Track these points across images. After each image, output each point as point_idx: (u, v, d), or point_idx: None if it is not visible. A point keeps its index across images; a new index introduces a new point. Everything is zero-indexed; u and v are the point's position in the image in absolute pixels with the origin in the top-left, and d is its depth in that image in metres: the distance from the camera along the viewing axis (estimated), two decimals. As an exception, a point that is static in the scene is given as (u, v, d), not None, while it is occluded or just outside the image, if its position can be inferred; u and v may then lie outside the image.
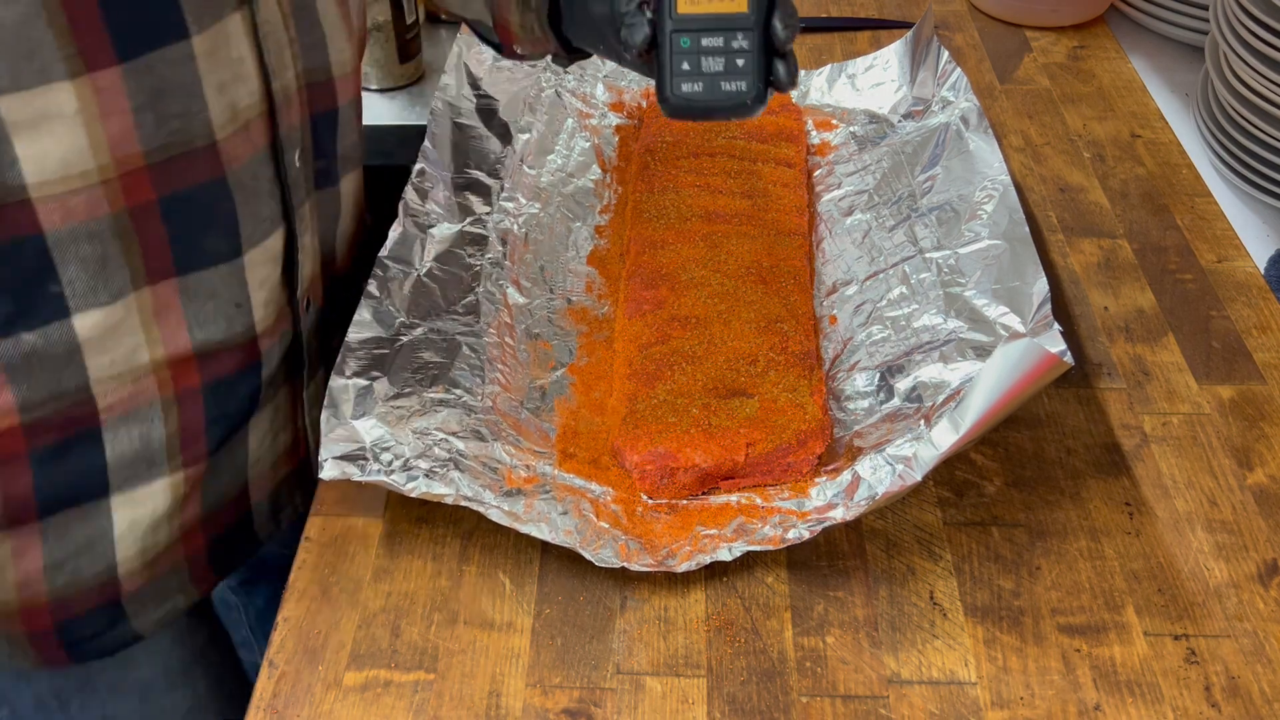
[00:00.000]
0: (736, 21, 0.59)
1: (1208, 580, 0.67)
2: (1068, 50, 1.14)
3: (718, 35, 0.59)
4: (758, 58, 0.59)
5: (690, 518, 0.68)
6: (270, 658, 0.63)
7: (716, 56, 0.59)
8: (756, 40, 0.59)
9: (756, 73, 0.59)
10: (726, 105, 0.59)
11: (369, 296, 0.76)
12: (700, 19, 0.59)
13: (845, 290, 0.82)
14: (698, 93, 0.59)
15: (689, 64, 0.59)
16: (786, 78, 0.60)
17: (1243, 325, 0.84)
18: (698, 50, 0.59)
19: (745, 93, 0.59)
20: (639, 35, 0.60)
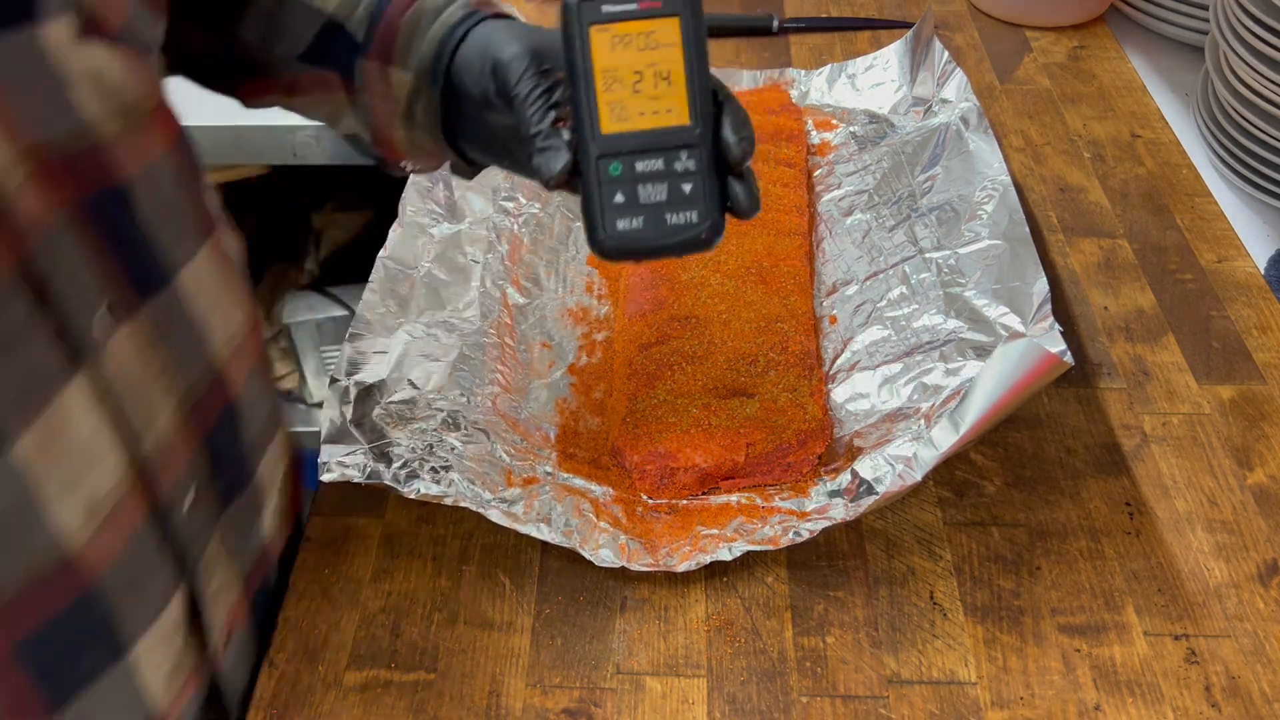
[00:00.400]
0: (677, 137, 0.48)
1: (1208, 580, 0.67)
2: (1068, 50, 1.14)
3: (656, 157, 0.48)
4: (708, 179, 0.49)
5: (690, 518, 0.68)
6: (270, 657, 0.63)
7: (657, 183, 0.48)
8: (705, 158, 0.48)
9: (709, 198, 0.49)
10: (675, 242, 0.49)
11: (369, 296, 0.76)
12: (632, 138, 0.48)
13: (845, 290, 0.82)
14: (638, 230, 0.48)
15: (623, 195, 0.48)
16: (747, 201, 0.49)
17: (1243, 325, 0.84)
18: (632, 177, 0.48)
19: (697, 225, 0.48)
20: (557, 163, 0.49)
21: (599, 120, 0.48)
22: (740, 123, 0.49)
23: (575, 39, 0.48)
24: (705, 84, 0.48)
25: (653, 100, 0.48)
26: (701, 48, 0.48)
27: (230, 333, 0.55)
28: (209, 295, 0.53)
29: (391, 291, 0.78)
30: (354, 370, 0.71)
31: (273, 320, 1.50)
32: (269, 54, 0.60)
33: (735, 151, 0.49)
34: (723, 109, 0.49)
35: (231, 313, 0.56)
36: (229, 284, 0.56)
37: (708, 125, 0.49)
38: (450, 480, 0.66)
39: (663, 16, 0.48)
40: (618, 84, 0.48)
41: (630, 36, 0.48)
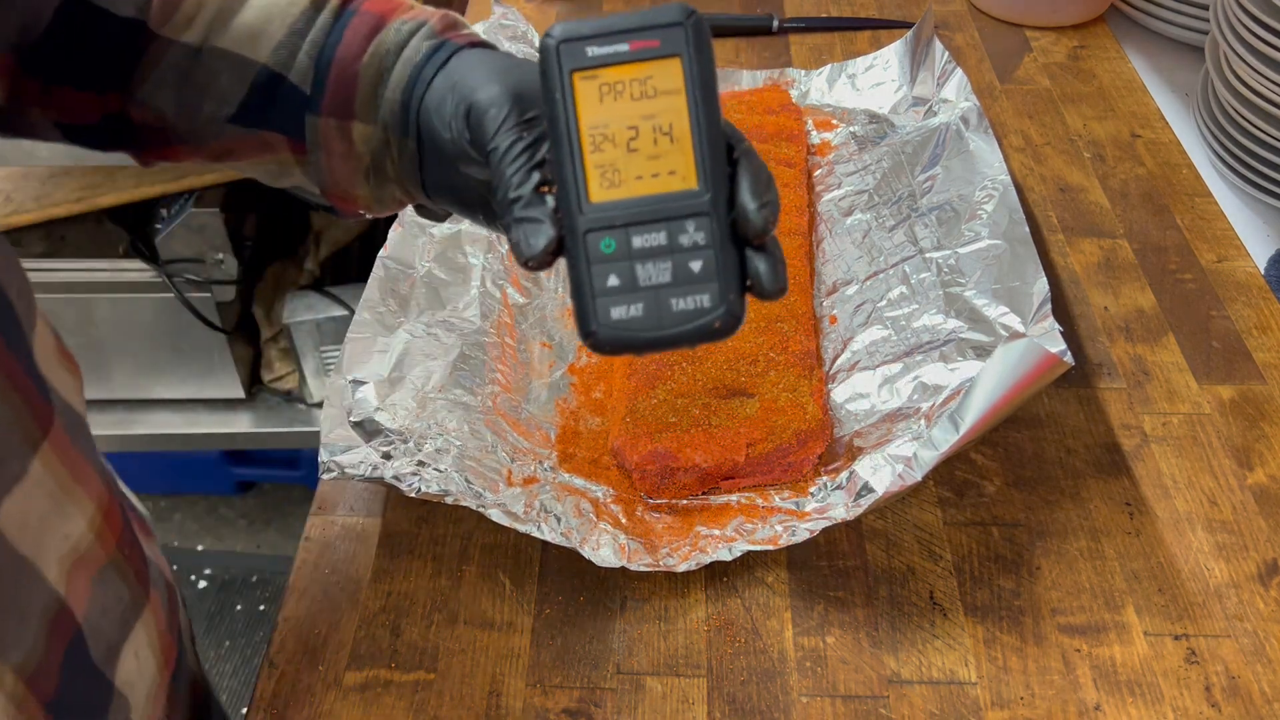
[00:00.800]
0: (683, 205, 0.40)
1: (1208, 580, 0.67)
2: (1068, 50, 1.14)
3: (657, 229, 0.40)
4: (723, 255, 0.40)
5: (690, 518, 0.68)
6: (270, 657, 0.63)
7: (659, 261, 0.40)
8: (717, 229, 0.40)
9: (724, 278, 0.40)
10: (683, 332, 0.40)
11: (369, 296, 0.76)
12: (628, 207, 0.40)
13: (845, 290, 0.82)
14: (637, 318, 0.40)
15: (618, 277, 0.40)
16: (770, 280, 0.40)
17: (1243, 325, 0.84)
18: (629, 255, 0.40)
19: (710, 311, 0.40)
20: (539, 241, 0.41)
21: (586, 187, 0.40)
22: (761, 184, 0.40)
23: (556, 88, 0.40)
24: (716, 138, 0.40)
25: (652, 160, 0.40)
26: (710, 94, 0.40)
27: (73, 543, 0.44)
28: (39, 516, 0.42)
29: (392, 291, 0.78)
30: (354, 370, 0.71)
31: (273, 320, 1.50)
32: (191, 120, 0.50)
33: (755, 221, 0.40)
34: (739, 167, 0.41)
35: (72, 520, 0.44)
36: (69, 485, 0.44)
37: (720, 189, 0.40)
38: (450, 479, 0.66)
39: (661, 58, 0.40)
40: (608, 142, 0.40)
41: (622, 84, 0.40)
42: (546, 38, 0.40)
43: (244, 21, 0.49)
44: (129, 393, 1.53)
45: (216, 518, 1.83)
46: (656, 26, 0.40)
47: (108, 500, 0.48)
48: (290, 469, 1.76)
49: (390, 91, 0.49)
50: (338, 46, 0.49)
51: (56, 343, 0.47)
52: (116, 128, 0.52)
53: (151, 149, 0.53)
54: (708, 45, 0.40)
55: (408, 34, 0.49)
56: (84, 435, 0.47)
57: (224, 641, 1.65)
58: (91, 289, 1.40)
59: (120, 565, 0.49)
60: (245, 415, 1.56)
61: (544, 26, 1.15)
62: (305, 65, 0.49)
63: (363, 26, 0.49)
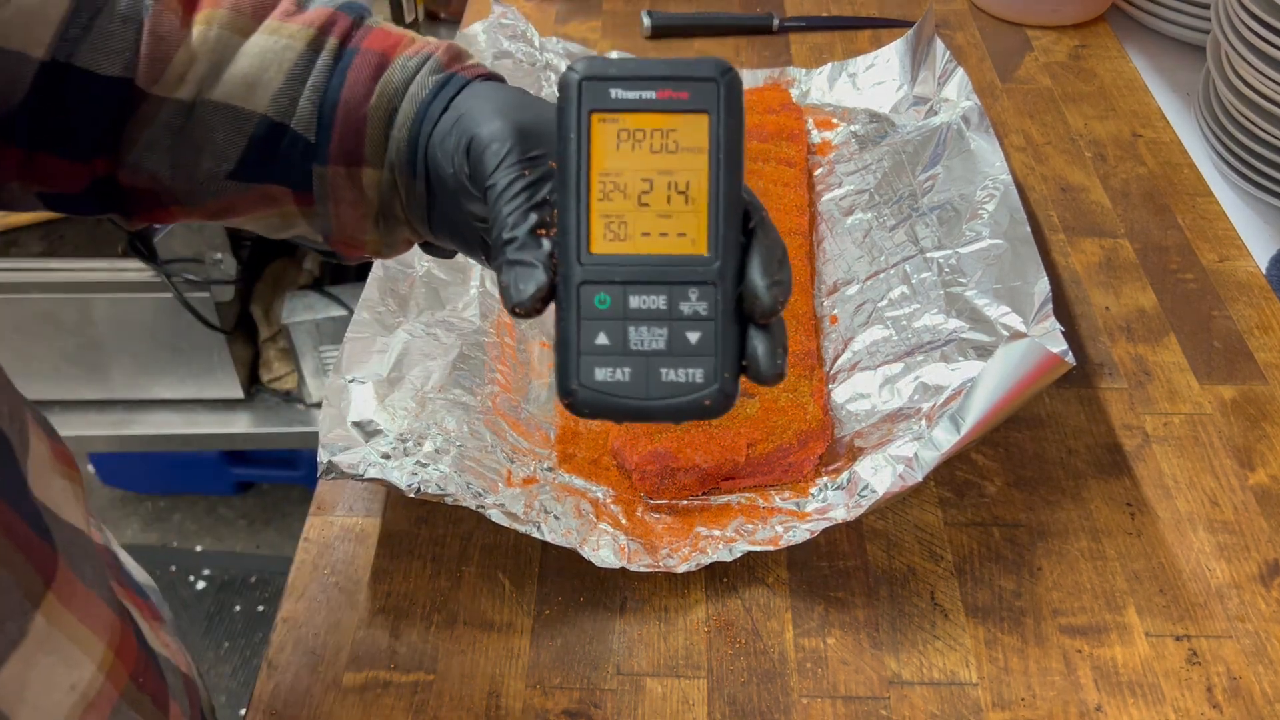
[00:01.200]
0: (689, 271, 0.38)
1: (1209, 581, 0.67)
2: (1069, 49, 1.14)
3: (658, 292, 0.38)
4: (724, 329, 0.38)
5: (690, 518, 0.68)
6: (269, 658, 0.63)
7: (655, 326, 0.38)
8: (722, 302, 0.38)
9: (723, 354, 0.38)
10: (669, 406, 0.38)
11: (368, 296, 0.76)
12: (630, 264, 0.38)
13: (846, 290, 0.82)
14: (623, 384, 0.38)
15: (609, 336, 0.38)
16: (768, 364, 0.38)
17: (1244, 325, 0.83)
18: (624, 315, 0.38)
19: (701, 388, 0.38)
20: (529, 286, 0.38)
21: (589, 236, 0.38)
22: (774, 260, 0.38)
23: (572, 127, 0.38)
24: (735, 205, 0.38)
25: (663, 219, 0.38)
26: (735, 158, 0.38)
27: (80, 692, 0.42)
28: (41, 676, 0.40)
29: (391, 291, 0.78)
30: (353, 370, 0.71)
31: (271, 320, 1.50)
32: (188, 180, 0.48)
33: (764, 300, 0.38)
34: (753, 238, 0.39)
35: (80, 668, 0.42)
36: (76, 631, 0.41)
37: (730, 260, 0.38)
38: (450, 480, 0.66)
39: (688, 112, 0.37)
40: (619, 192, 0.38)
41: (644, 133, 0.38)
42: (570, 71, 0.38)
43: (238, 71, 0.46)
44: (128, 393, 1.53)
45: (215, 518, 1.83)
46: (689, 79, 0.38)
47: (119, 630, 0.45)
48: (289, 469, 1.76)
49: (397, 131, 0.46)
50: (341, 89, 0.46)
51: (51, 448, 0.44)
52: (105, 193, 0.49)
53: (142, 213, 0.50)
54: (740, 106, 0.38)
55: (414, 69, 0.47)
56: (89, 558, 0.44)
57: (222, 642, 1.65)
58: (90, 289, 1.40)
59: (134, 697, 0.46)
60: (244, 415, 1.56)
61: (543, 25, 1.15)
62: (308, 112, 0.46)
63: (366, 67, 0.47)
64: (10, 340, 1.45)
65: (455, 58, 0.48)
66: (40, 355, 1.47)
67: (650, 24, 1.14)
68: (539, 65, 1.02)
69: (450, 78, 0.47)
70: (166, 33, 0.46)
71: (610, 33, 1.15)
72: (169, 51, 0.46)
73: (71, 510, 0.44)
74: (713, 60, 0.38)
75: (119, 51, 0.45)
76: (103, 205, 0.50)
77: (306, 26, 0.47)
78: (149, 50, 0.45)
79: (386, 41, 0.48)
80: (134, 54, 0.45)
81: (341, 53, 0.47)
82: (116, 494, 1.84)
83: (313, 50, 0.47)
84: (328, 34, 0.47)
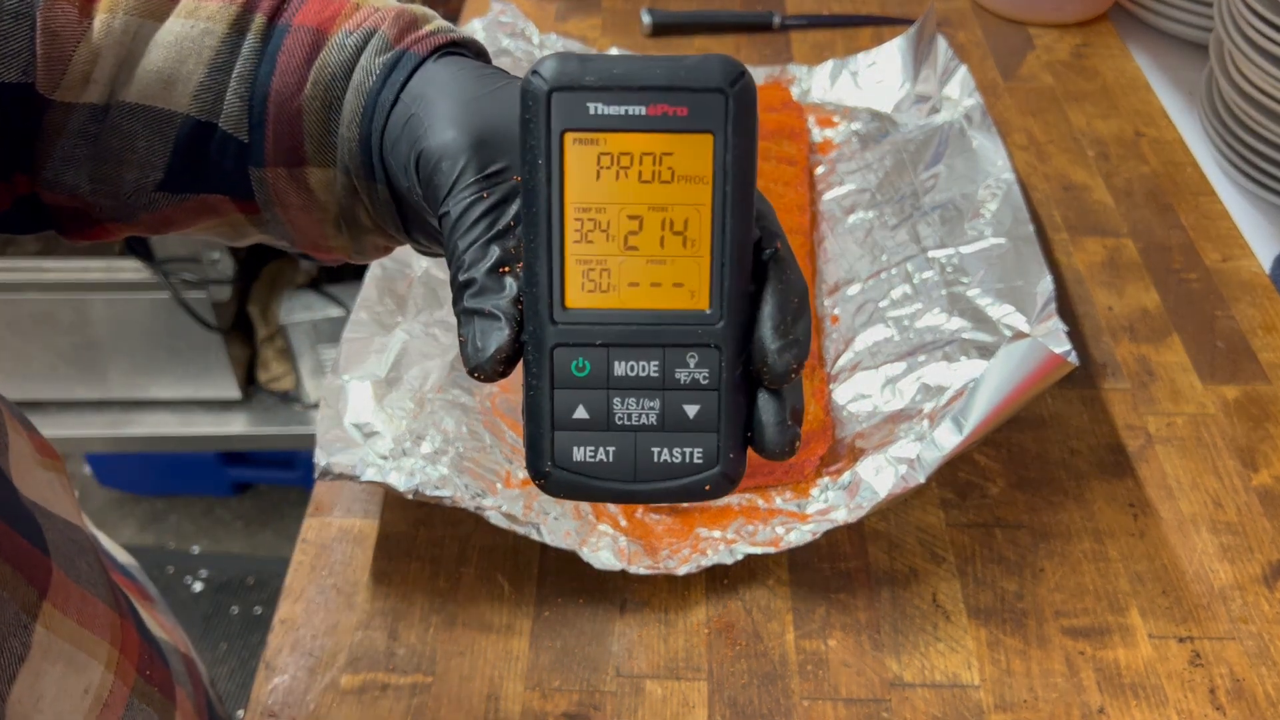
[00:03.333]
0: (689, 330, 0.31)
1: (1212, 582, 0.67)
2: (1071, 47, 1.14)
3: (649, 356, 0.31)
4: (730, 400, 0.32)
5: (690, 520, 0.67)
6: (267, 660, 0.63)
7: (646, 397, 0.31)
8: (727, 366, 0.31)
9: (727, 429, 0.32)
10: (663, 492, 0.32)
11: (366, 296, 0.76)
12: (614, 321, 0.31)
13: (847, 289, 0.82)
14: (605, 465, 0.32)
15: (588, 409, 0.32)
16: (775, 435, 0.32)
17: (1247, 325, 0.83)
18: (605, 383, 0.31)
19: (701, 468, 0.32)
20: (493, 343, 0.32)
21: (563, 287, 0.31)
22: (789, 312, 0.32)
23: (539, 151, 0.30)
24: (744, 247, 0.31)
25: (655, 265, 0.31)
26: (746, 189, 0.31)
27: (94, 693, 0.40)
28: (53, 686, 0.38)
29: (389, 291, 0.77)
30: (350, 370, 0.70)
31: (269, 320, 1.49)
32: (114, 195, 0.41)
33: (775, 366, 0.31)
34: (766, 283, 0.32)
35: (89, 670, 0.40)
36: (79, 636, 0.40)
37: (737, 315, 0.31)
38: (448, 481, 0.65)
39: (688, 133, 0.30)
40: (600, 233, 0.31)
41: (631, 159, 0.30)
42: (534, 77, 0.30)
43: (152, 65, 0.39)
44: (124, 393, 1.53)
45: (212, 519, 1.82)
46: (689, 89, 0.30)
47: (119, 625, 0.42)
48: (287, 470, 1.76)
49: (345, 129, 0.39)
50: (271, 77, 0.39)
51: (30, 440, 0.41)
52: (32, 212, 0.43)
53: (74, 231, 0.44)
54: (751, 120, 0.30)
55: (354, 49, 0.39)
56: (83, 552, 0.42)
57: (220, 644, 1.64)
58: (86, 289, 1.40)
59: (144, 689, 0.44)
60: (241, 416, 1.55)
61: (543, 22, 1.14)
62: (237, 108, 0.39)
63: (298, 48, 0.39)
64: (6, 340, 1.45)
65: (406, 27, 0.40)
66: (36, 355, 1.47)
67: (650, 21, 1.13)
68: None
69: (401, 57, 0.39)
70: (61, 27, 0.39)
71: (610, 30, 1.15)
72: (66, 49, 0.39)
73: (61, 502, 0.42)
74: (719, 61, 0.30)
75: (14, 54, 0.39)
76: (35, 223, 0.44)
77: (228, 3, 0.40)
78: (44, 49, 0.39)
79: (323, 13, 0.40)
80: (30, 55, 0.39)
81: (270, 32, 0.40)
82: (113, 495, 1.84)
83: (237, 32, 0.40)
84: (253, 10, 0.40)
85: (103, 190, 0.41)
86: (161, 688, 0.47)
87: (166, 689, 0.47)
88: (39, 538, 0.39)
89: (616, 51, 1.04)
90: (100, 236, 0.45)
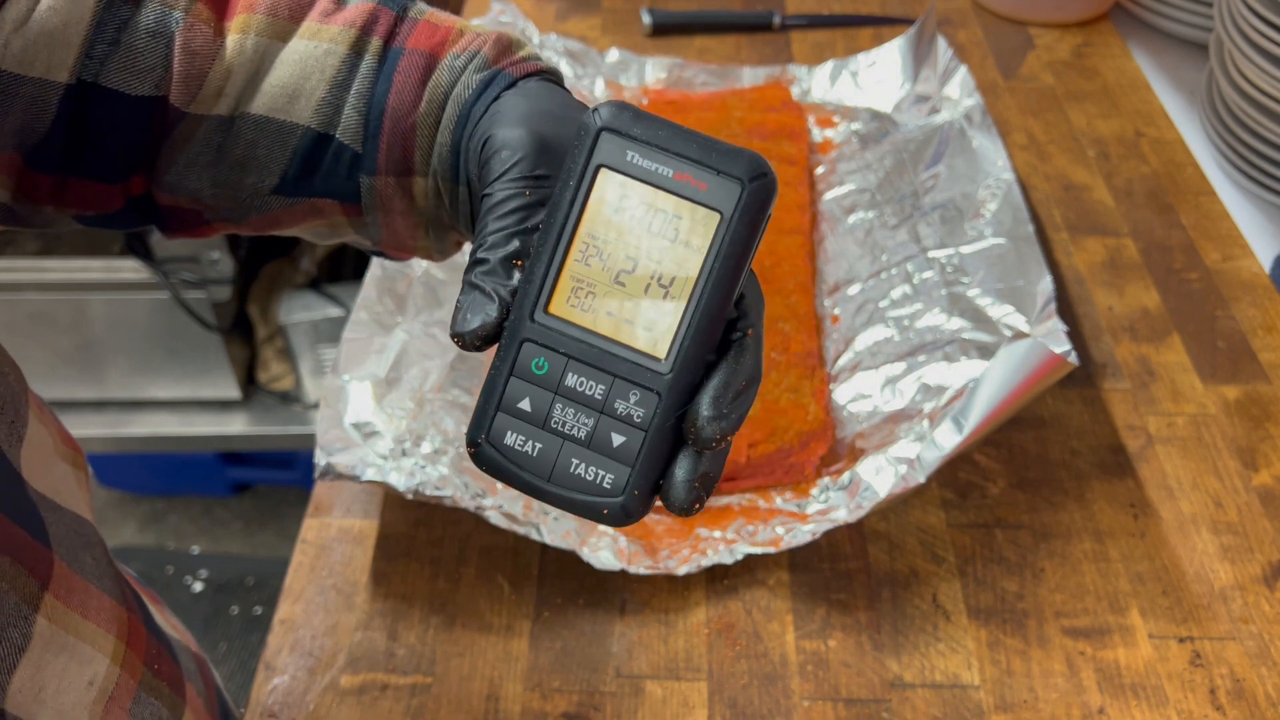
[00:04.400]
0: (640, 371, 0.35)
1: (1213, 582, 0.66)
2: (1072, 47, 1.14)
3: (599, 379, 0.35)
4: (654, 444, 0.35)
5: (690, 520, 0.67)
6: (266, 661, 0.63)
7: (584, 413, 0.35)
8: (661, 415, 0.35)
9: (641, 469, 0.35)
10: (565, 501, 0.36)
11: (366, 296, 0.76)
12: (581, 338, 0.35)
13: (847, 289, 0.82)
14: (527, 457, 0.36)
15: (532, 403, 0.35)
16: (680, 492, 0.35)
17: (1248, 325, 0.83)
18: (555, 387, 0.35)
19: (606, 493, 0.35)
20: (478, 319, 0.36)
21: (551, 293, 0.35)
22: (731, 391, 0.35)
23: (575, 173, 0.35)
24: (714, 322, 0.34)
25: (633, 304, 0.34)
26: (733, 271, 0.34)
27: (99, 687, 0.41)
28: (55, 678, 0.39)
29: (389, 291, 0.77)
30: (350, 370, 0.70)
31: (269, 320, 1.49)
32: (231, 199, 0.45)
33: (702, 430, 0.34)
34: (725, 356, 0.35)
35: (93, 663, 0.41)
36: (82, 628, 0.41)
37: (686, 377, 0.34)
38: (448, 481, 0.65)
39: (700, 204, 0.34)
40: (598, 260, 0.35)
41: (648, 209, 0.34)
42: (594, 113, 0.35)
43: (278, 81, 0.43)
44: (124, 393, 1.52)
45: (212, 519, 1.82)
46: (713, 169, 0.34)
47: (125, 619, 0.44)
48: (286, 470, 1.76)
49: (441, 134, 0.43)
50: (388, 96, 0.43)
51: (57, 433, 0.43)
52: (142, 209, 0.47)
53: (182, 229, 0.48)
54: (759, 215, 0.34)
55: (460, 69, 0.43)
56: (90, 547, 0.43)
57: (219, 644, 1.64)
58: (86, 288, 1.40)
59: (152, 683, 0.45)
60: (241, 416, 1.55)
61: (543, 22, 1.14)
62: (354, 121, 0.43)
63: (413, 70, 0.43)
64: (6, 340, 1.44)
65: (504, 50, 0.44)
66: (36, 355, 1.47)
67: (650, 21, 1.13)
68: (538, 63, 1.01)
69: (495, 75, 0.43)
70: (200, 47, 0.43)
71: (610, 30, 1.15)
72: (204, 67, 0.43)
73: (72, 497, 0.43)
74: (749, 157, 0.34)
75: (149, 69, 0.42)
76: (142, 220, 0.48)
77: (347, 27, 0.44)
78: (182, 67, 0.42)
79: (433, 38, 0.44)
80: (165, 71, 0.42)
81: (385, 54, 0.44)
82: (113, 495, 1.84)
83: (355, 53, 0.44)
84: (370, 34, 0.44)
85: (222, 193, 0.45)
86: (171, 683, 0.47)
87: (176, 685, 0.48)
88: (41, 531, 0.40)
89: (617, 54, 1.04)
90: (205, 234, 0.48)
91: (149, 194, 0.46)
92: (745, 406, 0.35)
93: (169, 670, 0.48)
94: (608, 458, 0.35)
